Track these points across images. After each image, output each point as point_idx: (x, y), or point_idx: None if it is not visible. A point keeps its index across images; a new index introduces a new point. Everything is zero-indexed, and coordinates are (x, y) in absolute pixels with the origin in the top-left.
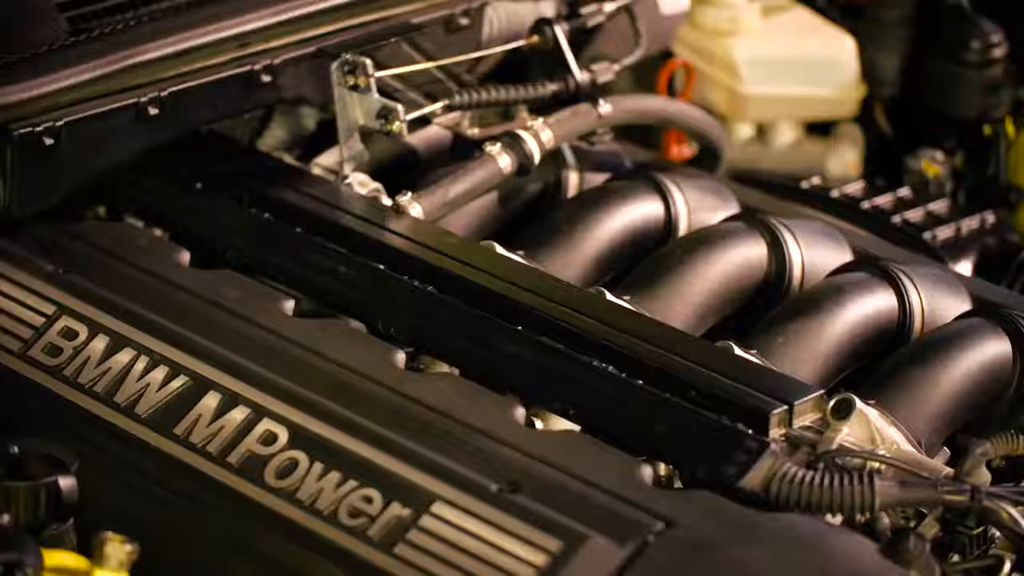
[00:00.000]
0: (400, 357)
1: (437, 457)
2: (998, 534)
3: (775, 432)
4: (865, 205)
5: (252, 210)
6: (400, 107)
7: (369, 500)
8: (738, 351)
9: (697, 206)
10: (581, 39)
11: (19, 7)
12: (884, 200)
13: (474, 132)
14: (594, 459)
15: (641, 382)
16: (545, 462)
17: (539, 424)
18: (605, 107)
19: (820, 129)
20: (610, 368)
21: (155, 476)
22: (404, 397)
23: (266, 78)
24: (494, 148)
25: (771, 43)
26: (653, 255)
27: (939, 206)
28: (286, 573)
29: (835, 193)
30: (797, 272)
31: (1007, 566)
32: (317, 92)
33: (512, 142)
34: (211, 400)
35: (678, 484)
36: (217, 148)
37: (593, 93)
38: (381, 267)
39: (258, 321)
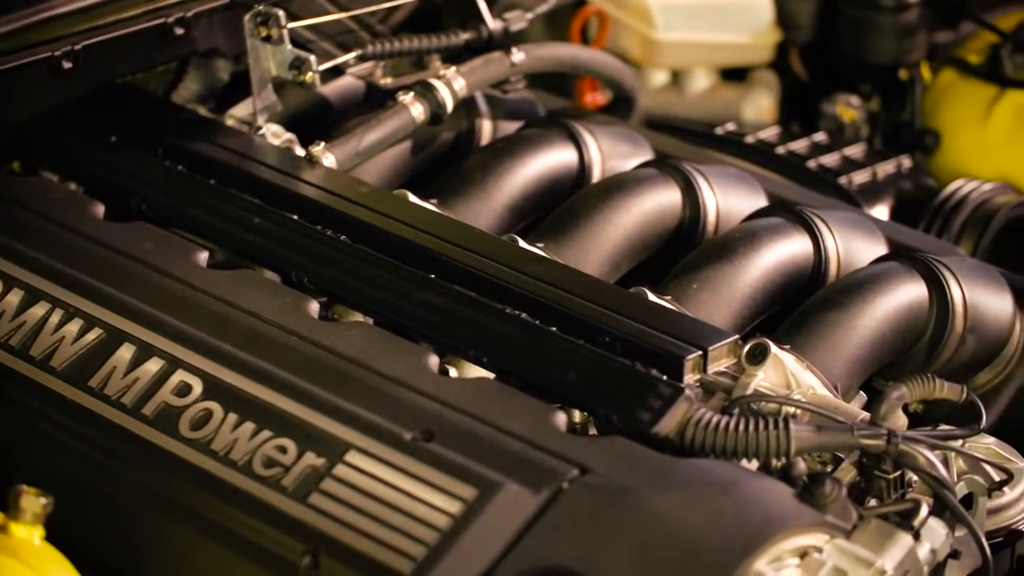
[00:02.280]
0: (314, 307)
1: (351, 406)
2: (915, 478)
3: (689, 378)
4: (780, 150)
5: (166, 162)
6: (313, 58)
7: (283, 450)
8: (652, 297)
9: (610, 153)
10: None
11: None
12: (800, 145)
13: (387, 82)
14: (508, 407)
15: (555, 329)
16: (459, 410)
17: (453, 372)
18: (518, 55)
19: (735, 75)
20: (523, 315)
21: (70, 429)
22: (318, 347)
23: (179, 30)
24: (407, 97)
25: None
26: (567, 202)
27: (855, 151)
28: (201, 524)
29: (750, 139)
30: (711, 218)
31: (924, 510)
32: (230, 44)
33: (425, 91)
34: (125, 352)
35: (593, 431)
36: (131, 101)
37: (506, 41)
38: (295, 217)
39: (172, 272)
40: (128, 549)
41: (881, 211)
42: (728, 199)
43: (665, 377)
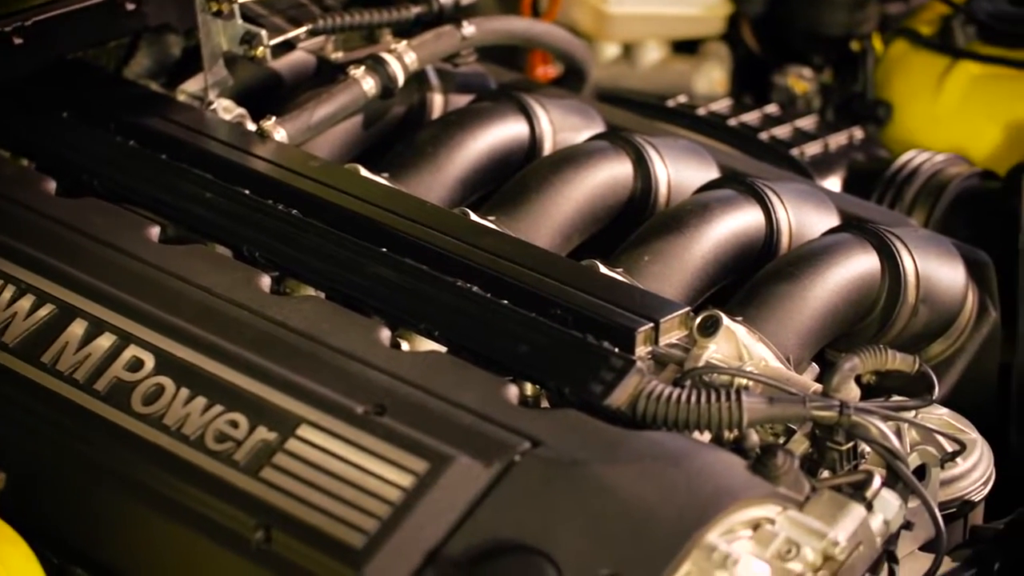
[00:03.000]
0: (265, 281)
1: (303, 380)
2: (868, 449)
3: (641, 350)
4: (732, 122)
5: (118, 138)
6: (264, 32)
7: (235, 425)
8: (604, 270)
9: (562, 125)
10: None
11: None
12: (751, 117)
13: (338, 56)
14: (460, 380)
15: (506, 302)
16: (411, 384)
17: (405, 346)
18: (469, 29)
19: (686, 47)
20: (475, 288)
21: (23, 405)
22: (269, 321)
23: (130, 6)
24: (358, 71)
25: None
26: (518, 175)
27: (807, 122)
28: (154, 499)
29: (702, 111)
30: (663, 190)
31: (877, 481)
32: (181, 19)
33: (376, 65)
34: (77, 328)
35: (545, 404)
36: (83, 77)
37: (457, 15)
38: (246, 192)
39: (124, 248)
40: (81, 525)
41: (833, 182)
42: (680, 171)
43: (617, 349)
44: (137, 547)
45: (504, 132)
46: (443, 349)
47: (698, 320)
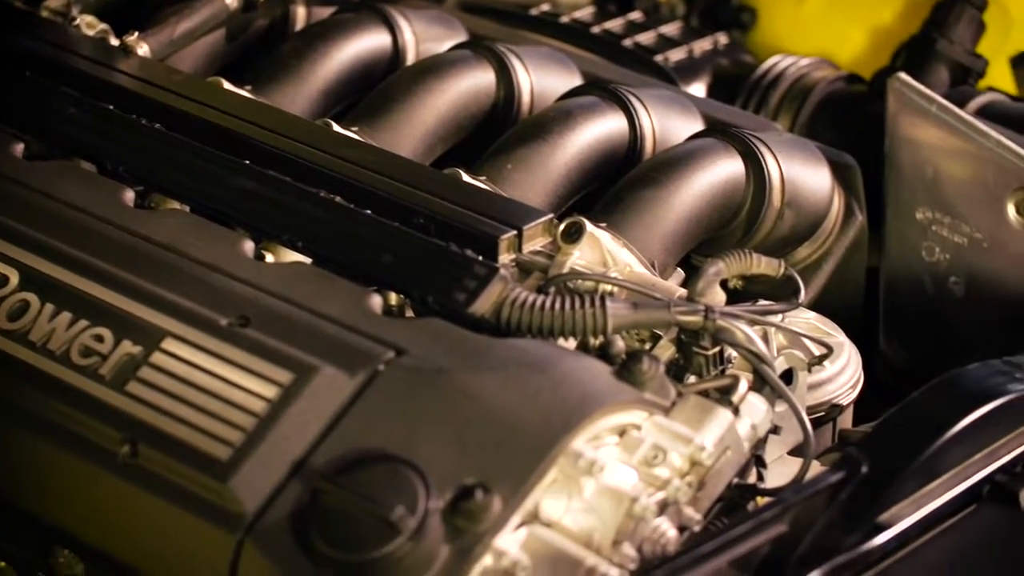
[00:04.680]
0: (129, 196)
1: (167, 294)
2: (734, 354)
3: (504, 257)
4: (596, 30)
5: None
6: None
7: (100, 339)
8: (466, 178)
9: (424, 36)
10: None
11: None
12: (615, 24)
13: None
14: (323, 290)
15: (369, 212)
16: (274, 295)
17: (269, 257)
18: None
19: None
20: (338, 199)
21: None
22: (133, 235)
23: None
24: None
25: None
26: (381, 86)
27: (671, 29)
28: (19, 414)
29: (565, 19)
30: (526, 98)
31: (743, 386)
32: None
33: None
34: None
35: (409, 313)
36: None
37: None
38: (110, 107)
39: None
40: None
41: (698, 88)
42: (542, 79)
43: (480, 257)
44: (7, 465)
45: (367, 43)
46: (307, 260)
47: (562, 227)
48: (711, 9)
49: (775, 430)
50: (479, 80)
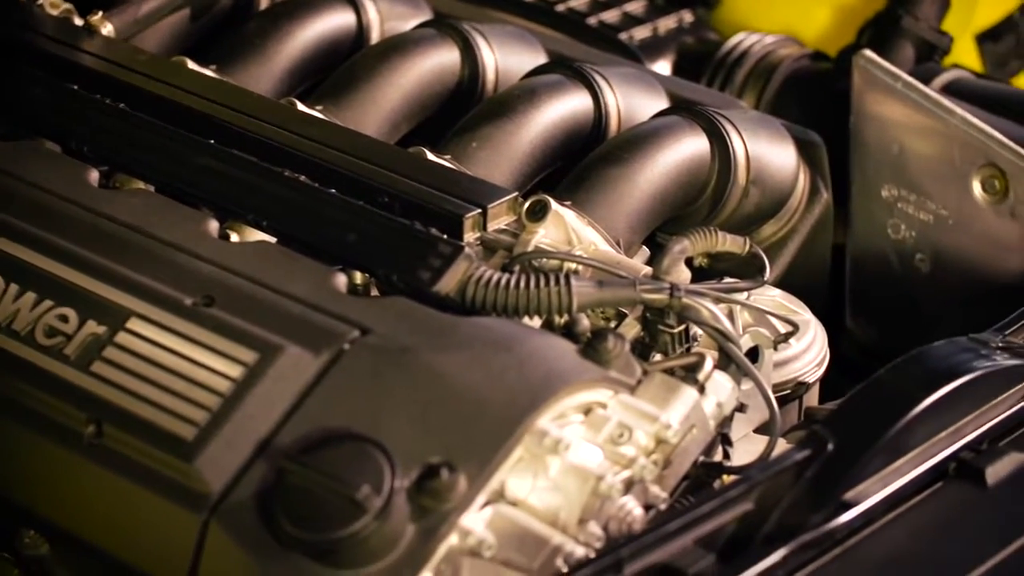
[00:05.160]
0: (94, 176)
1: (132, 274)
2: (700, 332)
3: (469, 236)
4: (560, 8)
5: None
6: None
7: (65, 319)
8: (431, 157)
9: (389, 14)
10: None
11: None
12: (580, 2)
13: None
14: (288, 270)
15: (334, 191)
16: (239, 274)
17: (234, 237)
18: None
19: None
20: (302, 178)
21: None
22: (98, 215)
23: None
24: None
25: None
26: (345, 64)
27: (635, 6)
28: None
29: None
30: (490, 76)
31: (709, 363)
32: None
33: None
34: None
35: (374, 292)
36: None
37: None
38: (74, 87)
39: None
40: None
41: (663, 66)
42: (507, 57)
43: (445, 236)
44: None
45: (331, 22)
46: (272, 239)
47: (526, 205)
48: None
49: (741, 408)
50: (444, 59)
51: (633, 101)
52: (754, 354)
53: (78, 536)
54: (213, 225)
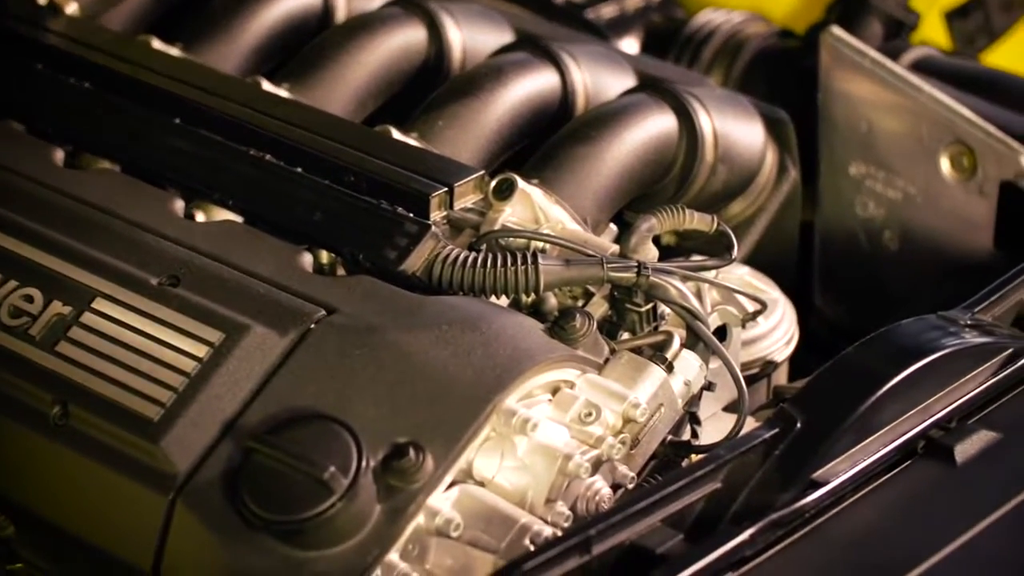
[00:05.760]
0: (59, 155)
1: (97, 254)
2: (668, 311)
3: (436, 215)
4: None
5: None
6: None
7: (30, 299)
8: (397, 135)
9: None
10: None
11: None
12: None
13: None
14: (254, 249)
15: (300, 170)
16: (205, 254)
17: (200, 216)
18: None
19: None
20: (268, 157)
21: None
22: (63, 195)
23: None
24: None
25: None
26: (312, 43)
27: None
28: None
29: None
30: (457, 55)
31: (676, 342)
32: None
33: None
34: None
35: (341, 272)
36: None
37: None
38: (38, 66)
39: None
40: None
41: (630, 44)
42: (474, 36)
43: (411, 215)
44: None
45: (298, 0)
46: (238, 219)
47: (493, 183)
48: None
49: (709, 387)
50: (410, 37)
51: (600, 79)
52: (722, 332)
53: (44, 517)
54: (179, 205)
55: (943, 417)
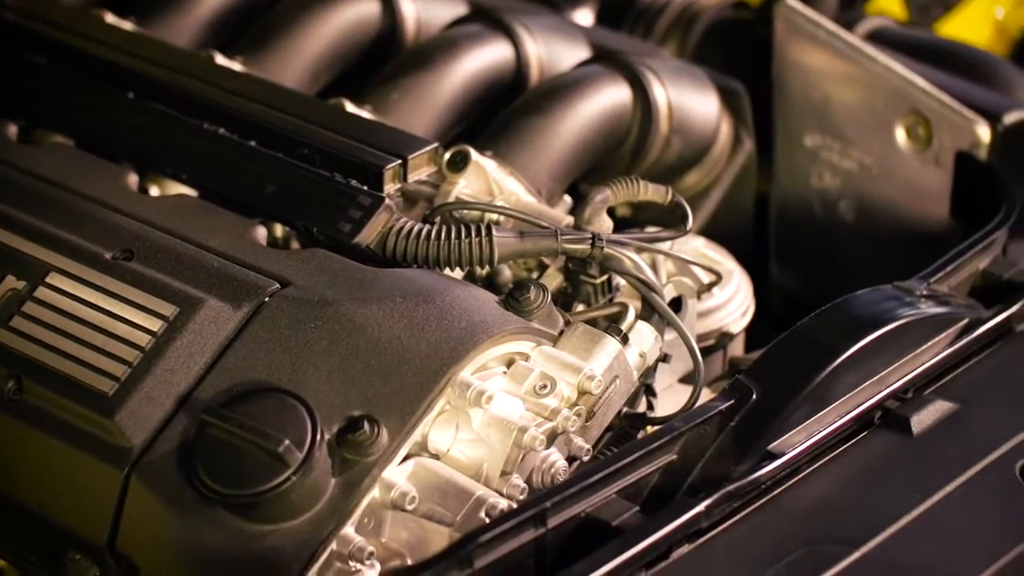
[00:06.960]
0: (12, 130)
1: (51, 228)
2: (623, 282)
3: (390, 187)
4: None
5: None
6: None
7: None
8: (351, 108)
9: None
10: None
11: None
12: None
13: None
14: (208, 223)
15: (253, 143)
16: (159, 228)
17: (154, 191)
18: None
19: None
20: (222, 131)
21: None
22: (17, 170)
23: None
24: None
25: None
26: (265, 16)
27: None
28: None
29: None
30: (410, 27)
31: (632, 314)
32: None
33: None
34: None
35: (295, 245)
36: None
37: None
38: None
39: None
40: None
41: (585, 16)
42: (428, 8)
43: (365, 187)
44: None
45: None
46: (192, 193)
47: (447, 156)
48: None
49: (664, 358)
50: (363, 9)
51: (554, 51)
52: (677, 304)
53: None
54: (132, 179)
55: (899, 388)
